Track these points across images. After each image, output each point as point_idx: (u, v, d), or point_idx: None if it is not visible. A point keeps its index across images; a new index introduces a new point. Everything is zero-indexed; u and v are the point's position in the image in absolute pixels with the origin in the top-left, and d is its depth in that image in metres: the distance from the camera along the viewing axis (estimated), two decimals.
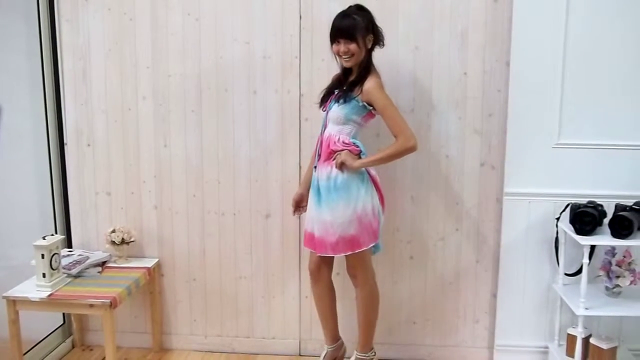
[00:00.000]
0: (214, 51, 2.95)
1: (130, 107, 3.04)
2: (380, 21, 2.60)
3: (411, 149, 2.50)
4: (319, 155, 2.62)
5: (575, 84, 2.74)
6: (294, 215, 2.87)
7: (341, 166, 2.52)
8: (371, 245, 2.59)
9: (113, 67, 3.02)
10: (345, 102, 2.54)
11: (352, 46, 2.47)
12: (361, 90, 2.51)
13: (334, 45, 2.54)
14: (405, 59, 2.86)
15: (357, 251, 2.57)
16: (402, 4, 2.83)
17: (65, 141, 3.10)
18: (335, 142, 2.56)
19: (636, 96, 2.74)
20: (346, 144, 2.55)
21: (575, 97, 2.75)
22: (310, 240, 2.66)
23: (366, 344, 2.75)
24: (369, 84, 2.50)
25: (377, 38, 2.56)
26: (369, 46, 2.53)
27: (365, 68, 2.54)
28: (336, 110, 2.56)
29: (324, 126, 2.63)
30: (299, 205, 2.82)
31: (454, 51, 2.84)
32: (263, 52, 2.92)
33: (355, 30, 2.47)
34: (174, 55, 2.97)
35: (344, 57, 2.51)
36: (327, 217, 2.55)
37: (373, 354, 2.78)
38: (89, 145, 3.09)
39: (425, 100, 2.89)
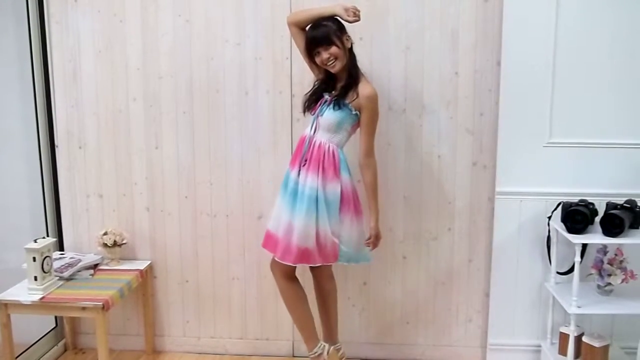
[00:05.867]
0: (205, 52, 2.94)
1: (121, 108, 3.03)
2: (371, 22, 2.60)
3: (371, 165, 2.53)
4: (306, 160, 2.52)
5: (566, 83, 2.75)
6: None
7: (377, 240, 2.60)
8: (318, 265, 2.56)
9: (103, 68, 3.00)
10: (340, 108, 2.48)
11: (333, 49, 2.44)
12: (356, 94, 2.46)
13: (316, 58, 2.49)
14: (397, 59, 2.86)
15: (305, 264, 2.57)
16: (393, 4, 2.83)
17: (56, 143, 3.09)
18: (325, 153, 2.49)
19: (626, 95, 2.75)
20: (334, 157, 2.50)
21: (565, 96, 2.76)
22: (271, 241, 2.60)
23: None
24: (367, 90, 2.46)
25: None
26: (349, 46, 2.50)
27: (354, 69, 2.51)
28: (329, 116, 2.49)
29: (314, 129, 2.54)
30: None
31: (445, 51, 2.84)
32: (254, 53, 2.91)
33: (330, 34, 2.44)
34: (164, 56, 2.96)
35: (329, 64, 2.47)
36: (299, 224, 2.48)
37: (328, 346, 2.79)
38: (80, 147, 3.08)
39: (416, 101, 2.89)
